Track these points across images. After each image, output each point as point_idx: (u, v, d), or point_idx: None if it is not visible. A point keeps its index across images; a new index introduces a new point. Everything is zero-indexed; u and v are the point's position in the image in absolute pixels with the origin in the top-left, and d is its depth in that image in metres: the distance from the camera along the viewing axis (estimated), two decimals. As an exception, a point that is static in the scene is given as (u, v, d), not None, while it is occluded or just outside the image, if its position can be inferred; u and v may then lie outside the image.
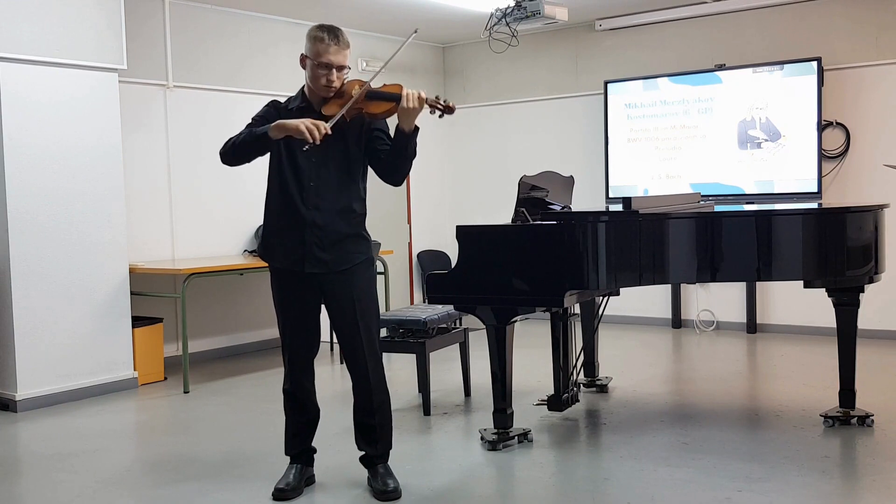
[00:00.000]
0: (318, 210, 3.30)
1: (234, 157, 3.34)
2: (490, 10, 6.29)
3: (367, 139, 3.37)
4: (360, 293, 3.38)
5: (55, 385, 5.23)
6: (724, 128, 7.12)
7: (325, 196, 3.31)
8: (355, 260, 3.37)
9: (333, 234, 3.32)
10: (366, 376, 3.41)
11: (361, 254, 3.40)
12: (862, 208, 4.22)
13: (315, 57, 3.26)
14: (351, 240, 3.37)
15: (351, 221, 3.37)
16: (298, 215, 3.31)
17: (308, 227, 3.30)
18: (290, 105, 3.42)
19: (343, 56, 3.29)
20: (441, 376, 5.57)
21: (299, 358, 3.49)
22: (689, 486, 3.50)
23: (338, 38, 3.27)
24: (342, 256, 3.34)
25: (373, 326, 3.44)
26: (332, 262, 3.33)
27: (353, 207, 3.38)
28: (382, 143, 3.36)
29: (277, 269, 3.43)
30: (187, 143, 6.54)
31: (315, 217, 3.30)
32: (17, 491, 3.79)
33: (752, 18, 7.13)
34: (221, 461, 4.04)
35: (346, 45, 3.30)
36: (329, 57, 3.25)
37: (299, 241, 3.31)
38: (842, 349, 4.35)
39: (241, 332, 6.95)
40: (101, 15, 5.42)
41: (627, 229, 4.00)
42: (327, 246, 3.32)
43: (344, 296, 3.37)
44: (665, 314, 7.62)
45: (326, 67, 3.26)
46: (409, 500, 3.43)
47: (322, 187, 3.30)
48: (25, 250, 5.11)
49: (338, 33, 3.29)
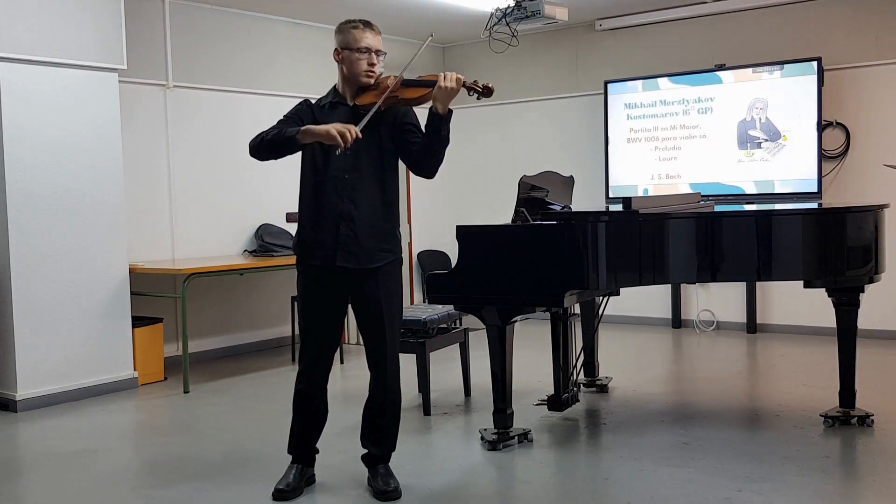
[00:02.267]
0: (353, 203, 3.31)
1: (263, 153, 3.36)
2: (490, 10, 6.29)
3: (399, 133, 3.38)
4: (387, 294, 3.39)
5: (55, 385, 5.23)
6: (724, 128, 7.12)
7: (360, 189, 3.31)
8: (386, 259, 3.38)
9: (368, 228, 3.33)
10: (384, 376, 3.43)
11: (392, 253, 3.41)
12: (862, 208, 4.22)
13: (353, 43, 3.33)
14: (384, 235, 3.38)
15: (386, 215, 3.40)
16: (333, 208, 3.31)
17: (343, 220, 3.30)
18: (322, 102, 3.44)
19: (378, 41, 3.38)
20: (441, 376, 5.57)
21: (321, 358, 3.48)
22: (689, 486, 3.50)
23: (371, 25, 3.39)
24: (374, 253, 3.34)
25: (397, 328, 3.47)
26: (364, 258, 3.32)
27: (389, 200, 3.41)
28: (414, 136, 3.38)
29: (307, 266, 3.42)
30: (187, 143, 6.54)
31: (350, 209, 3.30)
32: (18, 491, 3.80)
33: (752, 18, 7.13)
34: (221, 461, 4.04)
35: (379, 32, 3.40)
36: (367, 41, 3.33)
37: (333, 234, 3.31)
38: (842, 349, 4.35)
39: (241, 332, 6.95)
40: (101, 15, 5.42)
41: (627, 229, 4.00)
42: (361, 240, 3.31)
43: (371, 296, 3.37)
44: (665, 314, 7.62)
45: (366, 51, 3.33)
46: (409, 500, 3.43)
47: (357, 180, 3.30)
48: (25, 250, 5.11)
49: (370, 22, 3.40)
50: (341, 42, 3.37)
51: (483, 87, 3.26)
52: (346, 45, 3.35)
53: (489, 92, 3.26)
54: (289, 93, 6.91)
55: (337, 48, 3.38)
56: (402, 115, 3.39)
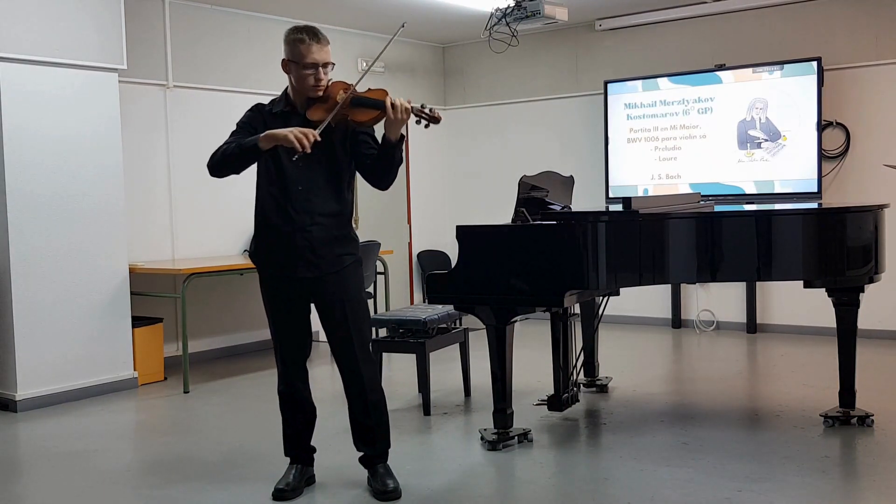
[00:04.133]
0: (307, 214, 3.30)
1: (222, 170, 3.32)
2: (490, 10, 6.29)
3: (353, 143, 3.37)
4: (349, 295, 3.39)
5: (55, 385, 5.23)
6: (724, 128, 7.12)
7: (313, 200, 3.31)
8: (345, 262, 3.39)
9: (324, 237, 3.33)
10: (359, 377, 3.41)
11: (351, 255, 3.41)
12: (862, 208, 4.22)
13: (299, 59, 3.26)
14: (341, 241, 3.38)
15: (340, 223, 3.39)
16: (288, 220, 3.31)
17: (298, 232, 3.30)
18: (273, 108, 3.41)
19: (326, 53, 3.29)
20: (441, 376, 5.57)
21: (292, 361, 3.50)
22: (689, 486, 3.50)
23: (318, 36, 3.28)
24: (333, 259, 3.35)
25: (364, 327, 3.45)
26: (324, 265, 3.34)
27: (342, 210, 3.40)
28: (368, 147, 3.36)
29: (267, 273, 3.44)
30: (187, 143, 6.54)
31: (305, 221, 3.30)
32: (18, 491, 3.80)
33: (752, 18, 7.13)
34: (221, 461, 4.04)
35: (326, 42, 3.30)
36: (314, 56, 3.25)
37: (290, 245, 3.32)
38: (842, 349, 4.35)
39: (241, 332, 6.95)
40: (101, 15, 5.42)
41: (627, 229, 4.00)
42: (318, 249, 3.32)
43: (334, 298, 3.37)
44: (665, 314, 7.61)
45: (313, 67, 3.26)
46: (409, 500, 3.43)
47: (310, 191, 3.30)
48: (25, 250, 5.11)
49: (316, 31, 3.30)
50: (288, 53, 3.30)
51: (430, 115, 3.23)
52: (293, 58, 3.28)
53: (436, 120, 3.23)
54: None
55: (284, 58, 3.32)
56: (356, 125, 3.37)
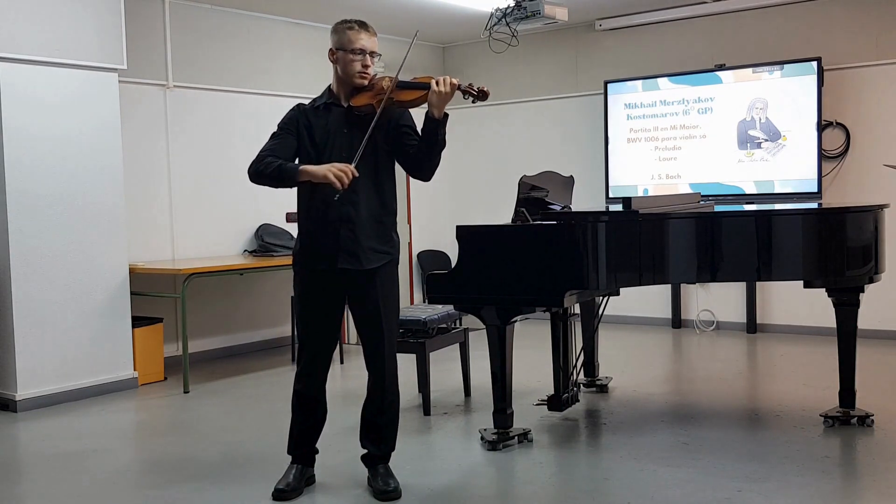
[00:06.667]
0: (352, 205, 3.32)
1: (259, 182, 3.42)
2: (490, 10, 6.29)
3: (395, 135, 3.39)
4: (385, 295, 3.43)
5: (55, 385, 5.23)
6: (724, 128, 7.12)
7: (358, 192, 3.32)
8: (384, 259, 3.41)
9: (367, 229, 3.35)
10: (382, 373, 3.45)
11: (389, 254, 3.44)
12: (862, 208, 4.22)
13: (348, 45, 3.34)
14: (383, 237, 3.41)
15: (384, 217, 3.42)
16: (333, 212, 3.32)
17: (343, 223, 3.32)
18: (316, 103, 3.45)
19: (374, 42, 3.38)
20: (441, 376, 5.57)
21: (319, 359, 3.50)
22: (689, 486, 3.50)
23: (366, 26, 3.40)
24: (373, 254, 3.37)
25: (394, 327, 3.50)
26: (364, 259, 3.35)
27: (386, 202, 3.43)
28: (410, 138, 3.39)
29: (307, 269, 3.44)
30: (187, 143, 6.54)
31: (350, 212, 3.32)
32: (18, 491, 3.79)
33: (752, 18, 7.13)
34: (221, 461, 4.04)
35: (374, 33, 3.40)
36: (362, 42, 3.34)
37: (334, 237, 3.33)
38: (842, 349, 4.35)
39: (241, 332, 6.95)
40: (101, 15, 5.42)
41: (627, 229, 4.00)
42: (361, 240, 3.34)
43: (370, 296, 3.40)
44: (665, 314, 7.61)
45: (361, 53, 3.34)
46: (409, 500, 3.43)
47: (355, 183, 3.30)
48: (25, 250, 5.10)
49: (365, 23, 3.41)
50: (336, 42, 3.38)
51: (478, 90, 3.27)
52: (341, 45, 3.36)
53: (484, 95, 3.28)
54: (288, 93, 6.91)
55: (332, 48, 3.39)
56: (398, 117, 3.40)
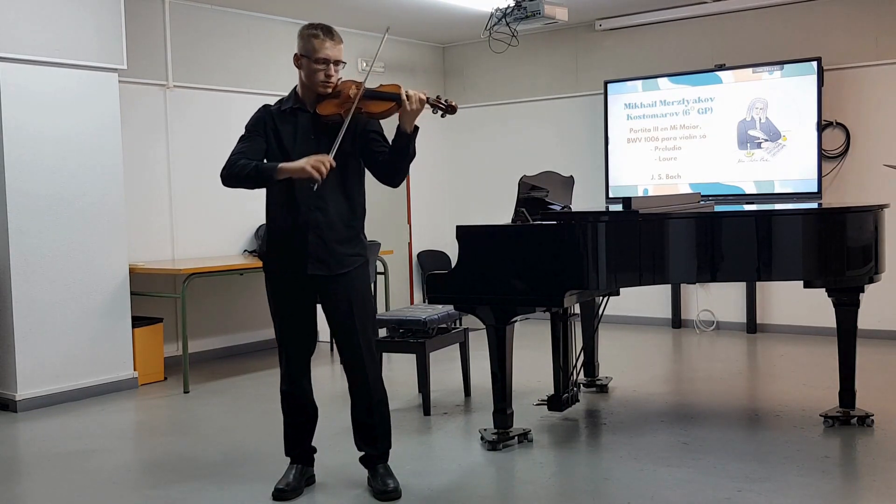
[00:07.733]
0: (320, 211, 3.32)
1: (234, 185, 3.40)
2: (490, 10, 6.29)
3: (363, 141, 3.39)
4: (357, 295, 3.41)
5: (55, 385, 5.23)
6: (724, 128, 7.11)
7: (326, 198, 3.32)
8: (355, 263, 3.41)
9: (336, 235, 3.35)
10: (364, 376, 3.43)
11: (360, 256, 3.43)
12: (862, 208, 4.22)
13: (312, 53, 3.30)
14: (351, 242, 3.40)
15: (352, 223, 3.41)
16: (301, 218, 3.32)
17: (311, 229, 3.32)
18: (282, 106, 3.44)
19: (339, 51, 3.34)
20: (441, 376, 5.57)
21: (297, 359, 3.51)
22: (689, 486, 3.50)
23: (332, 34, 3.34)
24: (343, 258, 3.37)
25: (369, 328, 3.47)
26: (334, 264, 3.35)
27: (354, 209, 3.42)
28: (379, 144, 3.39)
29: (276, 272, 3.45)
30: (187, 143, 6.54)
31: (318, 218, 3.32)
32: (18, 491, 3.79)
33: (752, 18, 7.13)
34: (221, 461, 4.04)
35: (339, 41, 3.36)
36: (326, 52, 3.30)
37: (302, 243, 3.33)
38: (842, 349, 4.35)
39: (241, 332, 6.95)
40: (101, 15, 5.42)
41: (627, 229, 4.00)
42: (330, 247, 3.34)
43: (342, 299, 3.39)
44: (665, 314, 7.61)
45: (324, 63, 3.30)
46: (409, 500, 3.43)
47: (322, 189, 3.30)
48: (25, 250, 5.10)
49: (331, 29, 3.36)
50: (301, 48, 3.34)
51: (447, 104, 3.28)
52: (306, 52, 3.32)
53: (453, 109, 3.30)
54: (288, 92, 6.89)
55: (297, 53, 3.36)
56: (365, 123, 3.38)
